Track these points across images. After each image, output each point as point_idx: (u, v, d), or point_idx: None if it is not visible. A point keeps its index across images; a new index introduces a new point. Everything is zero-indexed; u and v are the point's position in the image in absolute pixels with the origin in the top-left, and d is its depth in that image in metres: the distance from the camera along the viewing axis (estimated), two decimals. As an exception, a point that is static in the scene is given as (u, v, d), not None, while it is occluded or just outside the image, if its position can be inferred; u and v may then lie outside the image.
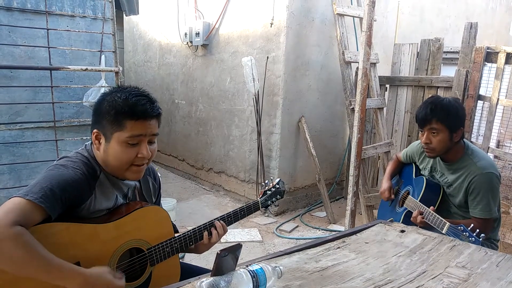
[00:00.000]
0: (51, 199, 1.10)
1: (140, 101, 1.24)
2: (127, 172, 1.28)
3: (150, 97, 1.30)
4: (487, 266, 1.19)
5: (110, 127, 1.23)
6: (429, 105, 1.90)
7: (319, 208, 4.33)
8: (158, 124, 1.31)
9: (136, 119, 1.23)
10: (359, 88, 3.34)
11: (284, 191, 1.73)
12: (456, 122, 1.89)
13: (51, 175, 1.17)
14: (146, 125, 1.25)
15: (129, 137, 1.23)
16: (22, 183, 3.15)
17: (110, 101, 1.25)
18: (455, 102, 1.94)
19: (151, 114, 1.26)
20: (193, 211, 4.13)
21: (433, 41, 3.72)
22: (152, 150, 1.30)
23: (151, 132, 1.27)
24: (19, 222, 1.03)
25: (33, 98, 3.15)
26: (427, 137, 1.93)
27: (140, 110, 1.23)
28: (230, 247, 0.96)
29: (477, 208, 1.90)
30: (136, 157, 1.25)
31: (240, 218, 1.56)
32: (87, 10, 3.38)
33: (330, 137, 4.48)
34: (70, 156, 1.28)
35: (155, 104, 1.30)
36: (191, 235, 1.43)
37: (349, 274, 1.12)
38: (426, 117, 1.90)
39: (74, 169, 1.21)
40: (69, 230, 1.17)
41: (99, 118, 1.26)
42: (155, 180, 1.54)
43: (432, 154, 1.99)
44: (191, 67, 5.07)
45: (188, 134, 5.29)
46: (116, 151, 1.24)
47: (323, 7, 4.00)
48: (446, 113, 1.88)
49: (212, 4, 4.59)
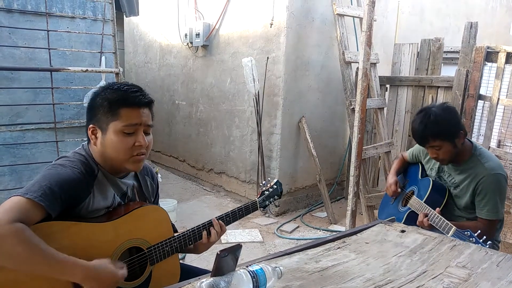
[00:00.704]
0: (51, 198, 1.11)
1: (131, 89, 1.29)
2: (127, 163, 1.29)
3: (140, 87, 1.33)
4: (488, 266, 1.19)
5: (105, 118, 1.26)
6: (420, 126, 1.88)
7: (319, 208, 4.33)
8: (151, 115, 1.34)
9: (130, 107, 1.26)
10: (359, 88, 3.34)
11: (281, 192, 1.74)
12: (451, 131, 1.86)
13: (49, 174, 1.18)
14: (140, 113, 1.27)
15: (125, 125, 1.25)
16: (23, 184, 3.14)
17: (103, 95, 1.29)
18: (444, 111, 1.88)
19: (143, 100, 1.29)
20: (193, 211, 4.13)
21: (433, 41, 3.72)
22: (148, 141, 1.32)
23: (145, 122, 1.29)
24: (20, 219, 1.04)
25: (33, 100, 3.15)
26: (432, 153, 1.93)
27: (132, 97, 1.27)
28: (230, 247, 0.96)
29: (484, 209, 1.89)
30: (134, 146, 1.27)
31: (238, 218, 1.57)
32: (87, 11, 3.39)
33: (331, 137, 4.48)
34: (68, 156, 1.30)
35: (146, 93, 1.33)
36: (190, 234, 1.44)
37: (349, 274, 1.12)
38: (422, 139, 1.91)
39: (73, 168, 1.22)
40: (69, 229, 1.17)
41: (94, 112, 1.29)
42: (153, 180, 1.55)
43: (444, 163, 2.02)
44: (192, 68, 5.08)
45: (188, 135, 5.29)
46: (114, 141, 1.25)
47: (323, 8, 4.00)
48: (437, 129, 1.85)
49: (212, 5, 4.60)
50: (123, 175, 1.39)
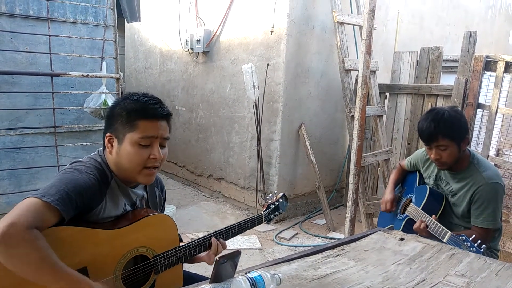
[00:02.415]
0: (67, 202, 1.11)
1: (150, 101, 1.29)
2: (139, 175, 1.29)
3: (160, 99, 1.33)
4: (487, 274, 1.19)
5: (123, 129, 1.26)
6: (432, 123, 1.86)
7: (318, 215, 4.32)
8: (169, 128, 1.33)
9: (147, 119, 1.26)
10: (359, 96, 3.36)
11: (286, 205, 1.73)
12: (461, 133, 1.87)
13: (66, 178, 1.18)
14: (157, 125, 1.27)
15: (142, 137, 1.25)
16: (21, 189, 3.15)
17: (122, 105, 1.29)
18: (456, 112, 1.90)
19: (161, 113, 1.28)
20: (192, 217, 4.12)
21: (432, 50, 3.74)
22: (163, 154, 1.31)
23: (162, 135, 1.29)
24: (36, 224, 1.03)
25: (34, 104, 3.16)
26: (436, 153, 1.90)
27: (150, 109, 1.27)
28: (229, 254, 0.96)
29: (479, 218, 1.89)
30: (148, 159, 1.27)
31: (244, 230, 1.57)
32: (89, 17, 3.41)
33: (330, 144, 4.49)
34: (83, 161, 1.29)
35: (165, 105, 1.33)
36: (196, 245, 1.43)
37: (348, 282, 1.12)
38: (431, 136, 1.87)
39: (88, 174, 1.22)
40: (78, 234, 1.17)
41: (112, 121, 1.29)
42: (161, 192, 1.55)
43: (444, 167, 1.98)
44: (192, 74, 5.09)
45: (188, 140, 5.29)
46: (129, 152, 1.25)
47: (323, 15, 4.03)
48: (451, 128, 1.85)
49: (213, 11, 4.62)
50: (134, 185, 1.38)
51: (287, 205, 1.75)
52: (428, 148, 1.95)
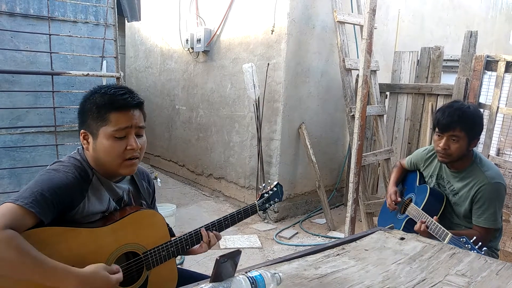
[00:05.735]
0: (42, 204, 1.10)
1: (118, 92, 1.26)
2: (120, 168, 1.28)
3: (128, 88, 1.31)
4: (487, 274, 1.19)
5: (95, 124, 1.25)
6: (456, 112, 1.84)
7: (319, 214, 4.32)
8: (143, 116, 1.32)
9: (118, 110, 1.24)
10: (359, 95, 3.35)
11: (282, 194, 1.71)
12: (477, 131, 1.88)
13: (42, 179, 1.17)
14: (129, 115, 1.26)
15: (115, 130, 1.24)
16: (22, 188, 3.14)
17: (91, 99, 1.27)
18: (478, 111, 1.92)
19: (132, 103, 1.27)
20: (192, 217, 4.12)
21: (433, 49, 3.74)
22: (141, 143, 1.30)
23: (136, 124, 1.27)
24: (10, 226, 1.03)
25: (34, 103, 3.16)
26: (446, 143, 1.87)
27: (120, 100, 1.25)
28: (229, 253, 0.96)
29: (481, 217, 1.89)
30: (126, 150, 1.25)
31: (237, 221, 1.55)
32: (89, 16, 3.41)
33: (330, 143, 4.49)
34: (63, 160, 1.29)
35: (135, 94, 1.30)
36: (187, 238, 1.43)
37: (349, 281, 1.12)
38: (451, 124, 1.84)
39: (66, 172, 1.21)
40: (63, 234, 1.16)
41: (84, 118, 1.28)
42: (149, 184, 1.55)
43: (446, 160, 1.94)
44: (192, 73, 5.09)
45: (188, 139, 5.29)
46: (105, 146, 1.24)
47: (324, 15, 4.02)
48: (472, 123, 1.85)
49: (214, 11, 4.62)
50: (118, 179, 1.38)
51: (282, 192, 1.70)
52: (440, 136, 1.90)
